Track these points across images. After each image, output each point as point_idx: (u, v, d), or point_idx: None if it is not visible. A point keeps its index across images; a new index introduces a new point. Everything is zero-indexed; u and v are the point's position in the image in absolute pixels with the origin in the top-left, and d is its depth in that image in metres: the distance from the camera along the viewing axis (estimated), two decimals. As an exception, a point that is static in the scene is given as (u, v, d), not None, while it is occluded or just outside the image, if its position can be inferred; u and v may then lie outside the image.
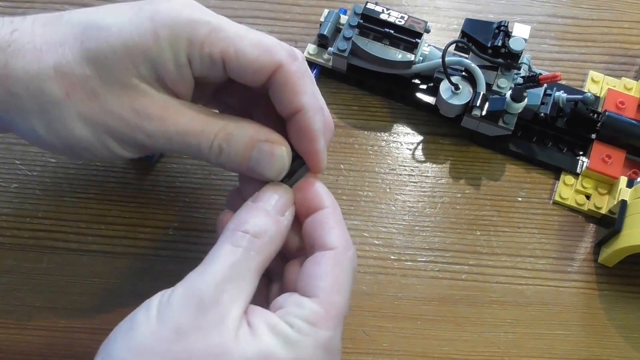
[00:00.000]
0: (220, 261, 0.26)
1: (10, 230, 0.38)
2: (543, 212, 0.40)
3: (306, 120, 0.28)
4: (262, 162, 0.29)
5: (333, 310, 0.26)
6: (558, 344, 0.37)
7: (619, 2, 0.47)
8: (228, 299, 0.25)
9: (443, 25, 0.46)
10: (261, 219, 0.27)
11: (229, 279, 0.25)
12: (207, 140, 0.28)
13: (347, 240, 0.28)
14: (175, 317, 0.24)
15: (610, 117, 0.40)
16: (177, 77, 0.28)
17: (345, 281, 0.27)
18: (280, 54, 0.28)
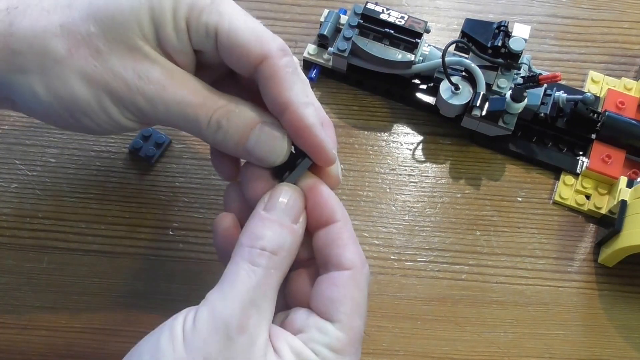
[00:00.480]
0: (242, 283, 0.25)
1: (10, 230, 0.38)
2: (543, 212, 0.40)
3: (296, 115, 0.27)
4: (262, 143, 0.28)
5: (355, 335, 0.26)
6: (558, 343, 0.37)
7: (619, 2, 0.47)
8: (254, 324, 0.24)
9: (443, 25, 0.46)
10: (277, 232, 0.26)
11: (253, 302, 0.24)
12: (206, 114, 0.27)
13: (362, 257, 0.27)
14: (203, 346, 0.23)
15: (610, 117, 0.40)
16: (177, 44, 0.27)
17: (363, 302, 0.27)
18: (270, 45, 0.27)
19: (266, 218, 0.27)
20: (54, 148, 0.40)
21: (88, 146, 0.40)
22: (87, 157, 0.40)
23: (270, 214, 0.27)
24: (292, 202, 0.27)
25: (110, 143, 0.40)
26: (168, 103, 0.27)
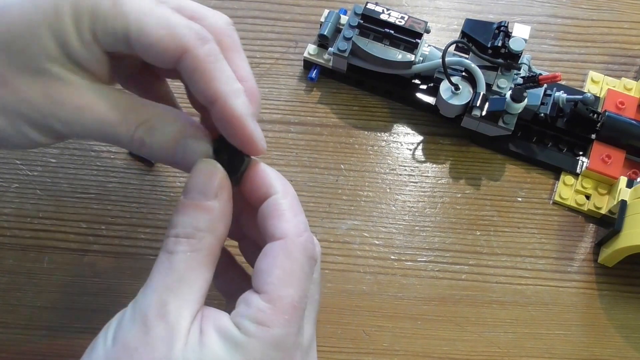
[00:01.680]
0: (157, 272, 0.25)
1: (11, 230, 0.38)
2: (543, 212, 0.40)
3: (225, 108, 0.26)
4: (188, 158, 0.27)
5: (284, 305, 0.24)
6: (558, 343, 0.37)
7: (619, 3, 0.47)
8: (174, 309, 0.24)
9: (443, 26, 0.46)
10: (190, 215, 0.26)
11: (170, 289, 0.24)
12: (127, 132, 0.27)
13: (298, 226, 0.26)
14: (125, 337, 0.24)
15: (610, 117, 0.40)
16: (87, 55, 0.26)
17: (298, 271, 0.25)
18: (187, 37, 0.26)
19: (182, 203, 0.26)
20: (55, 148, 0.40)
21: (88, 146, 0.40)
22: (87, 157, 0.40)
23: (186, 197, 0.26)
24: (204, 179, 0.26)
25: (110, 143, 0.41)
26: (85, 125, 0.26)
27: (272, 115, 0.42)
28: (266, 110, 0.42)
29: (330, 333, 0.36)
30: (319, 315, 0.36)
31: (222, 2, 0.46)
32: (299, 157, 0.41)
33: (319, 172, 0.40)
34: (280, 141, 0.41)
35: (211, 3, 0.45)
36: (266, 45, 0.44)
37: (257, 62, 0.44)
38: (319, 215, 0.39)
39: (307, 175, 0.40)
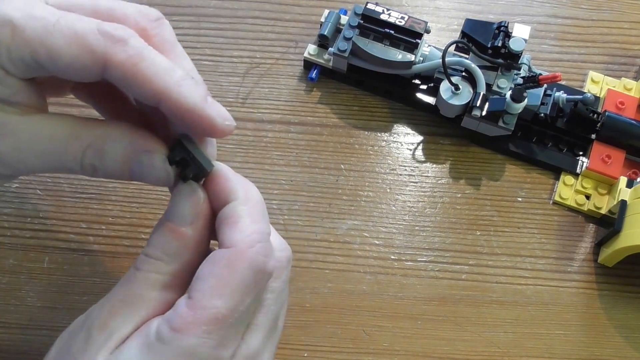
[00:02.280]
0: (119, 286, 0.25)
1: (11, 230, 0.38)
2: (543, 212, 0.40)
3: (172, 102, 0.23)
4: (145, 175, 0.26)
5: (205, 316, 0.23)
6: (558, 343, 0.37)
7: (619, 3, 0.47)
8: (119, 321, 0.24)
9: (443, 26, 0.46)
10: (162, 237, 0.25)
11: (124, 304, 0.24)
12: (74, 160, 0.24)
13: (252, 236, 0.24)
14: (70, 343, 0.25)
15: (610, 117, 0.40)
16: (5, 90, 0.23)
17: (236, 283, 0.23)
18: (101, 46, 0.23)
19: (160, 222, 0.26)
20: (55, 148, 0.40)
21: (89, 146, 0.40)
22: (87, 157, 0.40)
23: (165, 217, 0.26)
24: (182, 204, 0.26)
25: (110, 143, 0.41)
26: (28, 163, 0.24)
27: (272, 115, 0.42)
28: (266, 110, 0.42)
29: (330, 333, 0.36)
30: (319, 315, 0.36)
31: (222, 2, 0.46)
32: (299, 157, 0.41)
33: (319, 172, 0.40)
34: (280, 141, 0.41)
35: (211, 3, 0.45)
36: (266, 45, 0.44)
37: (257, 62, 0.44)
38: (319, 215, 0.39)
39: (307, 175, 0.40)
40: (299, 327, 0.36)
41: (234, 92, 0.43)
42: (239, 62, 0.44)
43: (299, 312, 0.36)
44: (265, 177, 0.40)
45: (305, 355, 0.35)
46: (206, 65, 0.43)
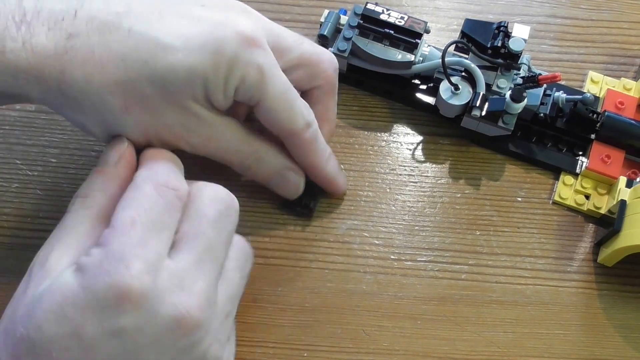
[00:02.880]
0: (54, 230, 0.29)
1: (11, 230, 0.38)
2: (542, 212, 0.40)
3: (320, 173, 0.36)
4: (281, 187, 0.36)
5: (120, 222, 0.27)
6: (557, 343, 0.37)
7: (618, 3, 0.47)
8: (54, 257, 0.27)
9: (443, 26, 0.46)
10: (90, 180, 0.30)
11: (57, 240, 0.28)
12: (240, 160, 0.34)
13: (155, 164, 0.30)
14: (17, 288, 0.28)
15: (609, 117, 0.40)
16: (223, 103, 0.31)
17: (140, 196, 0.28)
18: (300, 125, 0.33)
19: (91, 172, 0.30)
20: (55, 148, 0.40)
21: (89, 146, 0.40)
22: (88, 157, 0.40)
23: (96, 165, 0.31)
24: (110, 151, 0.30)
25: (110, 143, 0.41)
26: (208, 151, 0.33)
27: (272, 115, 0.42)
28: (266, 110, 0.42)
29: (330, 333, 0.36)
30: (319, 315, 0.36)
31: (222, 2, 0.45)
32: (299, 157, 0.41)
33: (319, 172, 0.40)
34: (280, 141, 0.41)
35: (211, 3, 0.45)
36: (266, 45, 0.44)
37: (257, 62, 0.44)
38: (319, 215, 0.39)
39: (307, 175, 0.40)
40: (298, 327, 0.36)
41: (234, 92, 0.43)
42: (238, 62, 0.44)
43: (299, 312, 0.36)
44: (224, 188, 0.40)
45: (305, 355, 0.35)
46: (206, 65, 0.43)
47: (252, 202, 0.39)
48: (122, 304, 0.25)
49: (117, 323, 0.25)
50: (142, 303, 0.25)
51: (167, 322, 0.25)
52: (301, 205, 0.38)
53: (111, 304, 0.25)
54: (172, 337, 0.26)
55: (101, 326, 0.25)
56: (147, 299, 0.25)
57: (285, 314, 0.36)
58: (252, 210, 0.39)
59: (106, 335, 0.25)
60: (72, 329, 0.25)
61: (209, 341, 0.27)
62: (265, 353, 0.35)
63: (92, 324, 0.25)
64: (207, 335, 0.27)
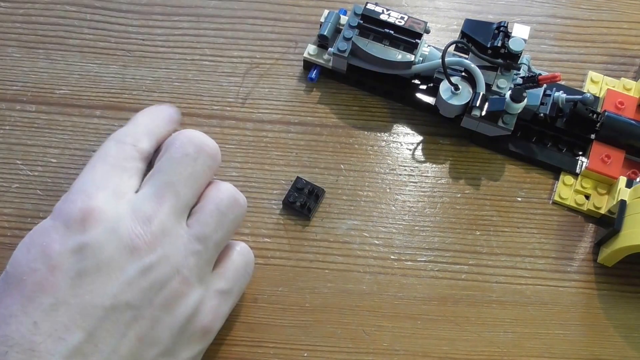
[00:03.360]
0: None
1: (11, 230, 0.38)
2: (542, 212, 0.40)
3: None
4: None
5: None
6: (557, 343, 0.37)
7: (618, 3, 0.47)
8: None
9: (443, 26, 0.46)
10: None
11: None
12: None
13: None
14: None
15: (609, 117, 0.40)
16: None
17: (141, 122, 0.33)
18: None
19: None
20: (55, 148, 0.40)
21: (89, 146, 0.40)
22: (88, 158, 0.40)
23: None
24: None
25: (110, 143, 0.41)
26: None
27: (272, 115, 0.42)
28: (266, 110, 0.42)
29: (330, 333, 0.36)
30: (319, 315, 0.36)
31: (222, 2, 0.46)
32: (299, 157, 0.41)
33: (319, 172, 0.41)
34: (280, 141, 0.41)
35: (211, 3, 0.45)
36: (266, 45, 0.44)
37: (257, 62, 0.44)
38: (319, 215, 0.39)
39: (307, 175, 0.40)
40: (299, 327, 0.36)
41: (234, 92, 0.43)
42: (239, 62, 0.44)
43: (299, 312, 0.36)
44: (265, 177, 0.40)
45: (305, 355, 0.36)
46: (206, 65, 0.44)
47: (252, 202, 0.39)
48: (84, 223, 0.28)
49: (79, 239, 0.27)
50: (102, 221, 0.28)
51: (124, 241, 0.28)
52: (301, 206, 0.38)
53: (75, 224, 0.28)
54: (128, 258, 0.28)
55: (65, 243, 0.27)
56: (106, 219, 0.28)
57: (285, 314, 0.36)
58: (252, 210, 0.39)
59: (70, 252, 0.27)
60: (40, 250, 0.27)
61: (168, 270, 0.29)
62: (265, 353, 0.35)
63: (58, 242, 0.27)
64: (163, 262, 0.29)
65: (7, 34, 0.44)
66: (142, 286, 0.28)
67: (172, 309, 0.29)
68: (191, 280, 0.30)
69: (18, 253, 0.28)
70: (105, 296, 0.27)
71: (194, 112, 0.42)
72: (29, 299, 0.26)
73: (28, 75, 0.42)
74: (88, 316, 0.27)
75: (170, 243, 0.29)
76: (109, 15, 0.45)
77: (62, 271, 0.27)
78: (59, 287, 0.27)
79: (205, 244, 0.31)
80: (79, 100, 0.42)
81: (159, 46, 0.44)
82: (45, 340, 0.26)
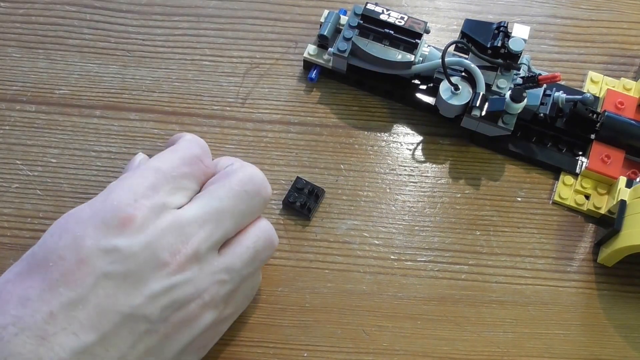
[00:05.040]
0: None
1: (11, 230, 0.38)
2: (542, 212, 0.40)
3: None
4: None
5: (146, 167, 0.31)
6: (557, 343, 0.37)
7: (618, 3, 0.47)
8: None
9: (443, 26, 0.46)
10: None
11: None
12: None
13: (191, 140, 0.33)
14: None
15: (609, 117, 0.40)
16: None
17: (172, 157, 0.31)
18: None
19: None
20: (55, 148, 0.40)
21: (89, 146, 0.40)
22: (87, 158, 0.40)
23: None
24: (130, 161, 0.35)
25: (111, 143, 0.41)
26: None
27: (272, 115, 0.42)
28: (266, 110, 0.42)
29: (330, 333, 0.36)
30: (319, 315, 0.36)
31: (222, 3, 0.46)
32: (299, 157, 0.41)
33: (319, 172, 0.41)
34: (280, 141, 0.41)
35: (211, 3, 0.45)
36: (266, 45, 0.44)
37: (257, 62, 0.44)
38: (319, 215, 0.39)
39: (307, 175, 0.40)
40: (299, 327, 0.36)
41: (234, 92, 0.43)
42: (239, 62, 0.44)
43: (299, 312, 0.36)
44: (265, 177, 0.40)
45: (305, 355, 0.35)
46: (206, 65, 0.44)
47: (252, 202, 0.39)
48: (122, 228, 0.27)
49: (114, 242, 0.27)
50: (140, 232, 0.27)
51: (157, 256, 0.28)
52: (301, 206, 0.38)
53: (113, 224, 0.27)
54: (157, 273, 0.28)
55: (98, 241, 0.27)
56: (145, 230, 0.28)
57: (285, 314, 0.36)
58: (252, 210, 0.39)
59: (101, 251, 0.27)
60: (72, 240, 0.27)
61: (191, 293, 0.29)
62: (265, 353, 0.35)
63: (91, 237, 0.27)
64: (189, 284, 0.28)
65: (7, 34, 0.44)
66: (163, 303, 0.28)
67: (184, 329, 0.29)
68: (209, 305, 0.30)
69: (48, 236, 0.28)
70: (126, 304, 0.27)
71: (194, 112, 0.42)
72: (50, 287, 0.26)
73: (28, 75, 0.42)
74: (105, 319, 0.26)
75: (200, 269, 0.29)
76: (109, 15, 0.45)
77: (89, 268, 0.26)
78: (82, 283, 0.26)
79: (233, 276, 0.31)
80: (78, 100, 0.42)
81: (158, 46, 0.44)
82: (59, 332, 0.26)
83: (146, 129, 0.41)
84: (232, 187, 0.31)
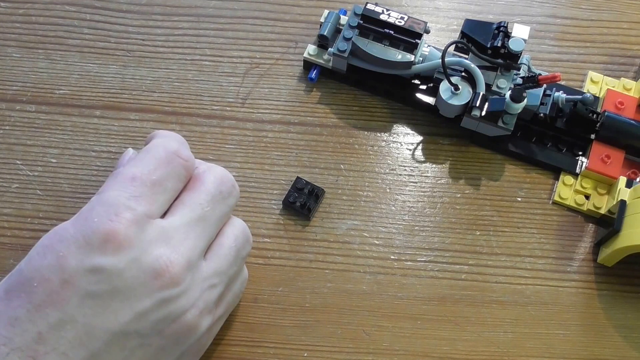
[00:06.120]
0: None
1: (11, 230, 0.38)
2: (542, 212, 0.40)
3: None
4: None
5: (122, 174, 0.29)
6: (557, 343, 0.37)
7: (618, 3, 0.47)
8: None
9: (443, 26, 0.46)
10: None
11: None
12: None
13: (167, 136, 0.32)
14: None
15: (609, 117, 0.40)
16: None
17: (149, 158, 0.30)
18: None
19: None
20: (55, 148, 0.40)
21: (89, 146, 0.40)
22: (87, 158, 0.40)
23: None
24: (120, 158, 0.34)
25: (111, 143, 0.41)
26: None
27: (272, 115, 0.42)
28: (266, 110, 0.42)
29: (330, 333, 0.36)
30: (319, 315, 0.36)
31: (222, 3, 0.46)
32: (299, 157, 0.41)
33: (319, 172, 0.41)
34: (280, 141, 0.41)
35: (211, 3, 0.45)
36: (266, 45, 0.44)
37: (257, 62, 0.44)
38: (319, 215, 0.39)
39: (307, 175, 0.40)
40: (299, 327, 0.36)
41: (234, 92, 0.43)
42: (239, 62, 0.44)
43: (299, 312, 0.36)
44: (265, 177, 0.40)
45: (305, 355, 0.36)
46: (206, 65, 0.44)
47: (252, 202, 0.39)
48: (105, 245, 0.26)
49: (98, 261, 0.26)
50: (124, 248, 0.27)
51: (146, 271, 0.27)
52: (301, 206, 0.38)
53: (96, 243, 0.26)
54: (147, 288, 0.27)
55: (82, 260, 0.26)
56: (130, 246, 0.27)
57: (285, 314, 0.36)
58: (252, 210, 0.39)
59: (85, 271, 0.26)
60: (56, 260, 0.26)
61: (185, 304, 0.28)
62: (265, 353, 0.35)
63: (74, 257, 0.26)
64: (183, 296, 0.28)
65: (7, 34, 0.44)
66: (156, 318, 0.27)
67: (180, 338, 0.29)
68: (204, 312, 0.29)
69: (35, 254, 0.27)
70: (115, 322, 0.27)
71: (194, 112, 0.42)
72: (37, 309, 0.26)
73: (28, 76, 0.42)
74: (94, 338, 0.26)
75: (192, 278, 0.29)
76: (109, 15, 0.45)
77: (74, 288, 0.26)
78: (68, 303, 0.26)
79: (222, 278, 0.31)
80: (78, 100, 0.42)
81: (158, 46, 0.44)
82: (50, 352, 0.25)
83: (146, 129, 0.41)
84: (209, 191, 0.30)
